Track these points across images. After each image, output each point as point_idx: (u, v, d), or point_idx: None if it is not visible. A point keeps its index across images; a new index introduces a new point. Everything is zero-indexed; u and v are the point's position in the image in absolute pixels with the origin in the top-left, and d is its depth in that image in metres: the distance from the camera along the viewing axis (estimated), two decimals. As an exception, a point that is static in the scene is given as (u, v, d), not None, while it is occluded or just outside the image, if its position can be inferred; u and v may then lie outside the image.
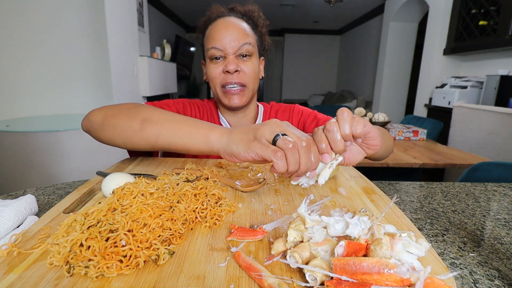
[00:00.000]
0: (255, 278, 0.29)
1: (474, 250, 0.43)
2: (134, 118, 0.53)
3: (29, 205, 0.46)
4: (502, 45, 2.29)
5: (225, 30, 0.76)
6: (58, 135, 1.73)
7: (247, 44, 0.77)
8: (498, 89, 2.26)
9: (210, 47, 0.76)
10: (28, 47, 2.16)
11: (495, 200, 0.63)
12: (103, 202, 0.39)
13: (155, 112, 0.54)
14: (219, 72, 0.77)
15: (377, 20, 4.94)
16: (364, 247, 0.29)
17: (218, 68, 0.77)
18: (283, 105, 0.94)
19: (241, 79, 0.77)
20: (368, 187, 0.55)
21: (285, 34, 7.10)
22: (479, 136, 2.16)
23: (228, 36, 0.75)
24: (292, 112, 0.91)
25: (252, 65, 0.79)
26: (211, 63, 0.78)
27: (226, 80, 0.77)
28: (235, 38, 0.76)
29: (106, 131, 0.56)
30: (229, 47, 0.75)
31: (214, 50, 0.76)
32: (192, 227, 0.39)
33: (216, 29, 0.77)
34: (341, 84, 7.03)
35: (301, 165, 0.37)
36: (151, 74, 3.12)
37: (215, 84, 0.79)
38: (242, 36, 0.77)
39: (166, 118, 0.52)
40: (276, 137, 0.38)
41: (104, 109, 0.59)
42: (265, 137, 0.39)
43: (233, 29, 0.76)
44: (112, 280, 0.29)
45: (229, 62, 0.75)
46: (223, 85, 0.78)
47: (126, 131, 0.54)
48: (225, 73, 0.77)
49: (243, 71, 0.77)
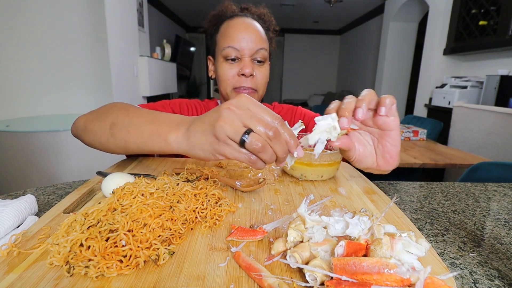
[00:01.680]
0: (255, 278, 0.29)
1: (474, 250, 0.43)
2: (104, 122, 0.51)
3: (29, 205, 0.46)
4: (502, 45, 2.29)
5: (245, 31, 0.74)
6: (58, 135, 1.73)
7: (263, 50, 0.76)
8: (498, 89, 2.26)
9: (226, 46, 0.74)
10: (28, 47, 2.16)
11: (495, 200, 0.63)
12: (103, 202, 0.39)
13: (121, 115, 0.49)
14: (233, 74, 0.75)
15: (377, 20, 4.94)
16: (364, 247, 0.29)
17: (233, 70, 0.75)
18: (286, 106, 0.93)
19: (254, 84, 0.76)
20: (368, 187, 0.55)
21: (285, 34, 7.10)
22: (479, 136, 2.16)
23: (247, 37, 0.73)
24: (295, 114, 0.90)
25: (265, 71, 0.78)
26: (225, 62, 0.76)
27: (240, 83, 0.75)
28: (253, 41, 0.74)
29: (87, 137, 0.55)
30: (247, 49, 0.74)
31: (230, 50, 0.74)
32: (192, 227, 0.39)
33: (234, 28, 0.75)
34: (341, 84, 7.03)
35: (278, 154, 0.35)
36: (151, 74, 3.12)
37: (226, 85, 0.77)
38: (260, 40, 0.75)
39: (130, 121, 0.47)
40: (243, 137, 0.34)
41: (88, 113, 0.57)
42: (228, 137, 0.35)
43: (252, 31, 0.75)
44: (112, 280, 0.29)
45: (246, 65, 0.73)
46: (235, 88, 0.76)
47: (101, 136, 0.51)
48: (239, 76, 0.75)
49: (256, 76, 0.76)
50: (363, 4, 4.78)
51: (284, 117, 0.90)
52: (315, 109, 4.22)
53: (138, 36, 2.93)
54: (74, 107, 2.39)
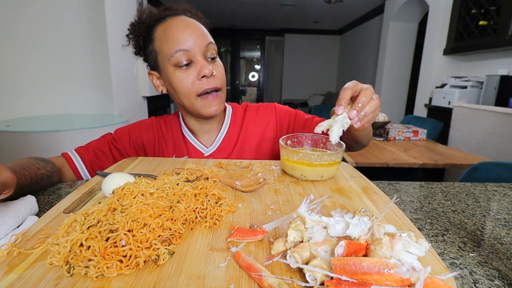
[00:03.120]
0: (255, 278, 0.29)
1: (474, 250, 0.43)
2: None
3: (29, 205, 0.46)
4: (502, 45, 2.29)
5: (188, 28, 0.66)
6: (58, 135, 1.73)
7: (212, 44, 0.69)
8: (498, 89, 2.26)
9: (174, 51, 0.65)
10: (28, 47, 2.16)
11: (495, 200, 0.63)
12: (103, 202, 0.39)
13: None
14: (192, 80, 0.67)
15: (377, 20, 4.94)
16: (364, 247, 0.29)
17: (190, 77, 0.67)
18: (263, 105, 0.87)
19: (217, 83, 0.69)
20: (368, 187, 0.55)
21: (285, 34, 7.10)
22: (479, 136, 2.16)
23: (193, 34, 0.66)
24: (273, 110, 0.85)
25: (221, 67, 0.72)
26: (179, 71, 0.67)
27: (203, 87, 0.68)
28: (200, 37, 0.67)
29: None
30: (196, 46, 0.66)
31: (180, 54, 0.65)
32: (192, 227, 0.39)
33: (174, 29, 0.66)
34: (341, 84, 7.02)
35: None
36: (151, 74, 3.12)
37: (187, 95, 0.68)
38: (205, 34, 0.68)
39: None
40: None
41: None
42: None
43: (195, 27, 0.67)
44: (112, 280, 0.29)
45: (203, 66, 0.66)
46: (199, 94, 0.68)
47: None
48: (199, 80, 0.67)
49: (216, 75, 0.69)
50: (363, 4, 4.78)
51: (263, 114, 0.84)
52: (315, 109, 4.22)
53: (138, 36, 2.93)
54: (74, 107, 2.39)
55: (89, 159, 0.73)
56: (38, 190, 0.61)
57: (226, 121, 0.83)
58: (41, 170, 0.62)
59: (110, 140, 0.78)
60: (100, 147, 0.76)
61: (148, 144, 0.80)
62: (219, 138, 0.81)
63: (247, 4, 5.01)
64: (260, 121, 0.84)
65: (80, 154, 0.73)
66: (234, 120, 0.83)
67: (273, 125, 0.84)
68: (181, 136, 0.81)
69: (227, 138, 0.81)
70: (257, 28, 7.20)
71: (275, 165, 0.67)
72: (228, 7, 5.20)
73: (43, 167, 0.63)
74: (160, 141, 0.81)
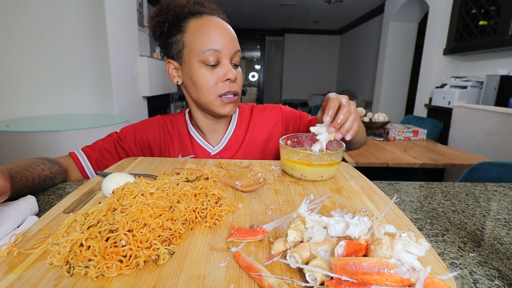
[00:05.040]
0: (255, 278, 0.29)
1: (474, 250, 0.43)
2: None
3: (29, 205, 0.46)
4: (502, 45, 2.29)
5: (224, 31, 0.68)
6: (58, 135, 1.73)
7: (239, 52, 0.71)
8: (498, 89, 2.26)
9: (206, 49, 0.66)
10: (28, 47, 2.15)
11: (495, 200, 0.63)
12: (103, 202, 0.39)
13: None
14: (216, 80, 0.69)
15: (377, 20, 4.94)
16: (364, 247, 0.29)
17: (215, 77, 0.69)
18: (269, 106, 0.89)
19: (237, 88, 0.72)
20: (368, 187, 0.55)
21: (285, 34, 7.10)
22: (479, 136, 2.16)
23: (227, 38, 0.68)
24: (279, 111, 0.86)
25: (241, 73, 0.74)
26: (205, 68, 0.68)
27: (226, 89, 0.70)
28: (233, 43, 0.69)
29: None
30: (227, 51, 0.68)
31: (211, 53, 0.66)
32: (192, 227, 0.39)
33: (211, 28, 0.67)
34: (341, 84, 7.03)
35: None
36: (151, 74, 3.12)
37: (208, 93, 0.70)
38: (236, 41, 0.71)
39: None
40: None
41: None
42: None
43: (229, 31, 0.69)
44: (112, 280, 0.29)
45: (229, 70, 0.69)
46: (221, 95, 0.70)
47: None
48: (223, 82, 0.69)
49: (237, 80, 0.72)
50: (363, 4, 4.78)
51: (269, 115, 0.86)
52: (315, 109, 4.22)
53: (138, 36, 2.93)
54: (74, 107, 2.39)
55: (96, 159, 0.74)
56: (39, 191, 0.61)
57: (233, 121, 0.84)
58: (46, 171, 0.62)
59: (116, 139, 0.78)
60: (106, 146, 0.77)
61: (154, 143, 0.80)
62: (225, 137, 0.81)
63: (247, 4, 5.01)
64: (266, 122, 0.85)
65: (86, 154, 0.74)
66: (240, 120, 0.84)
67: (279, 126, 0.85)
68: (188, 135, 0.81)
69: (233, 137, 0.81)
70: (257, 28, 7.20)
71: (275, 165, 0.67)
72: (228, 7, 5.20)
73: (48, 168, 0.63)
74: (166, 140, 0.81)
